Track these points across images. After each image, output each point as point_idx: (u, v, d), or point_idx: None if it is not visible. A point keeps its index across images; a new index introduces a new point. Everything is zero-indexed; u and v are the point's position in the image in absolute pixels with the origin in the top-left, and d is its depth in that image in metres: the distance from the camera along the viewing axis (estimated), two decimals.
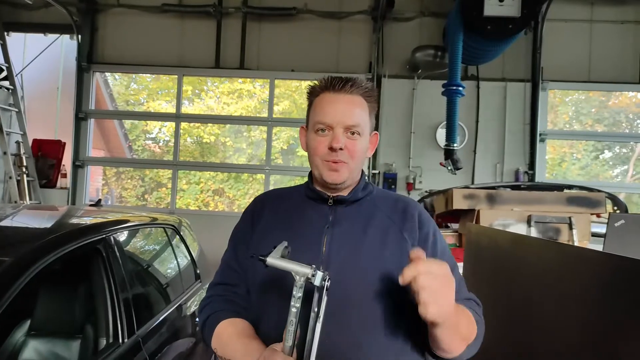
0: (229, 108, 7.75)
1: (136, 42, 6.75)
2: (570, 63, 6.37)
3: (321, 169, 1.16)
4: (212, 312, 1.17)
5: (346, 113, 1.14)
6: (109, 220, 2.20)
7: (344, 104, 1.15)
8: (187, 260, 2.93)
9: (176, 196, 6.93)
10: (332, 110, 1.14)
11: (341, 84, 1.16)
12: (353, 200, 1.21)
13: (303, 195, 1.25)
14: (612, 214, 2.50)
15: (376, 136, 1.26)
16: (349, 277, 1.08)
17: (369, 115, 1.20)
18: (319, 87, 1.19)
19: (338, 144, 1.12)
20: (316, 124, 1.16)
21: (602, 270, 1.23)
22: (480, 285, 2.14)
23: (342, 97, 1.16)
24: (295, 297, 0.93)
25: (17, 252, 1.53)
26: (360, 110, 1.16)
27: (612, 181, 7.37)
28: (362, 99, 1.18)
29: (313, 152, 1.17)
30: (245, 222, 1.28)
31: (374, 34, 6.44)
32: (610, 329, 1.16)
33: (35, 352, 1.91)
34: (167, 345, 2.12)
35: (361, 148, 1.17)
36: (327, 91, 1.17)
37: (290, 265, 0.94)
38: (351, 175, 1.18)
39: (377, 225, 1.17)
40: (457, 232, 3.88)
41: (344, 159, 1.14)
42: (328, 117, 1.14)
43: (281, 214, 1.23)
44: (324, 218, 1.18)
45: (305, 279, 0.93)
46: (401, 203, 1.24)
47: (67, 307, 1.96)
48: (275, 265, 0.95)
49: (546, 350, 1.47)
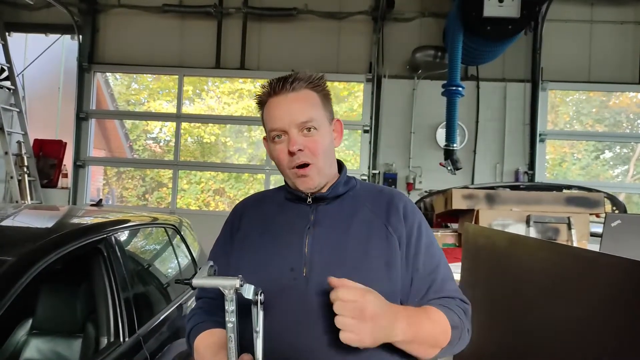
0: (230, 108, 7.75)
1: (137, 43, 6.77)
2: (570, 63, 6.38)
3: (293, 179, 1.13)
4: (193, 325, 1.16)
5: (293, 111, 1.10)
6: (109, 220, 2.21)
7: (289, 103, 1.11)
8: (188, 259, 2.95)
9: (177, 196, 6.95)
10: (280, 113, 1.11)
11: (280, 85, 1.12)
12: (334, 197, 1.17)
13: (282, 196, 1.21)
14: (608, 214, 2.52)
15: (339, 123, 1.21)
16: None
17: (323, 106, 1.15)
18: (263, 94, 1.15)
19: (295, 146, 1.08)
20: (271, 132, 1.12)
21: (599, 271, 1.24)
22: (478, 284, 2.15)
23: (285, 97, 1.12)
24: (228, 312, 0.91)
25: (19, 251, 1.55)
26: (309, 104, 1.12)
27: (613, 181, 7.36)
28: (309, 90, 1.13)
29: (278, 163, 1.14)
30: (224, 234, 1.25)
31: (374, 34, 6.45)
32: (606, 330, 1.17)
33: (37, 351, 1.93)
34: (168, 345, 2.13)
35: (322, 142, 1.12)
36: (272, 96, 1.13)
37: (215, 281, 0.92)
38: (322, 173, 1.13)
39: (361, 221, 1.13)
40: (456, 232, 3.89)
41: (308, 160, 1.10)
42: (278, 121, 1.10)
43: (260, 218, 1.20)
44: (305, 218, 1.14)
45: (234, 292, 0.90)
46: (385, 195, 1.20)
47: (68, 306, 1.98)
48: (201, 285, 0.93)
49: (542, 350, 1.48)
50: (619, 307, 1.12)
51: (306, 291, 1.05)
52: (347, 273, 1.03)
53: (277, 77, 1.14)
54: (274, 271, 1.09)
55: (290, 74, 1.14)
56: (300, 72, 1.15)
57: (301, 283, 1.06)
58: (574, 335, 1.31)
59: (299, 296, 1.05)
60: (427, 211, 4.65)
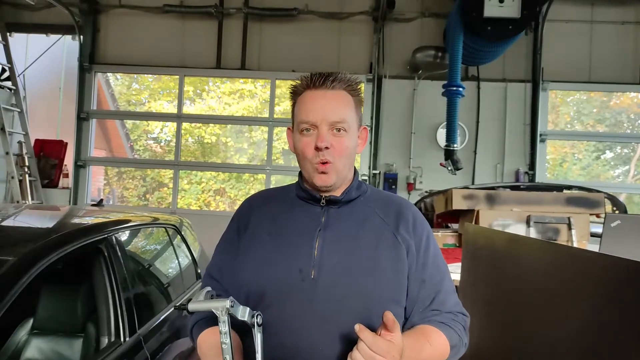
0: (230, 108, 7.76)
1: (138, 43, 6.78)
2: (570, 64, 6.37)
3: (311, 173, 1.12)
4: (195, 321, 1.16)
5: (329, 109, 1.09)
6: (110, 220, 2.22)
7: (327, 99, 1.10)
8: (188, 259, 2.95)
9: (177, 196, 6.95)
10: (315, 107, 1.09)
11: (322, 80, 1.11)
12: (346, 201, 1.16)
13: (294, 195, 1.20)
14: (608, 214, 2.52)
15: (365, 131, 1.21)
16: (342, 282, 1.06)
17: (355, 110, 1.14)
18: (300, 85, 1.14)
19: (323, 143, 1.07)
20: (300, 124, 1.11)
21: (598, 271, 1.24)
22: (477, 284, 2.15)
23: (324, 93, 1.10)
24: (222, 333, 0.92)
25: (20, 251, 1.55)
26: (344, 105, 1.11)
27: (613, 182, 7.36)
28: (346, 93, 1.13)
29: (302, 156, 1.13)
30: (230, 231, 1.23)
31: (375, 35, 6.45)
32: (605, 330, 1.17)
33: (37, 351, 1.94)
34: (169, 344, 2.14)
35: (348, 145, 1.12)
36: (309, 89, 1.12)
37: (208, 304, 0.94)
38: (340, 174, 1.13)
39: (371, 227, 1.13)
40: (456, 232, 3.89)
41: (331, 159, 1.09)
42: (311, 115, 1.09)
43: (269, 216, 1.18)
44: (315, 220, 1.13)
45: (226, 312, 0.91)
46: (395, 204, 1.20)
47: (69, 306, 1.98)
48: (197, 309, 0.95)
49: (541, 350, 1.49)
50: (619, 308, 1.12)
51: (313, 293, 1.05)
52: (355, 279, 1.05)
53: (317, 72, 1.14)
54: (281, 270, 1.08)
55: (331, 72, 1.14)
56: (342, 72, 1.14)
57: (309, 285, 1.06)
58: (573, 335, 1.31)
59: (305, 298, 1.06)
60: (428, 211, 4.65)
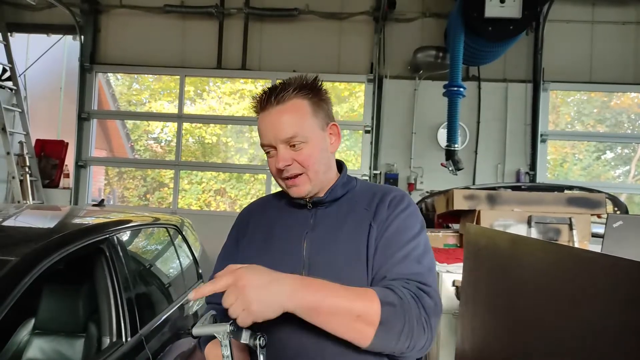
0: (231, 108, 7.76)
1: (138, 43, 6.78)
2: (571, 64, 6.37)
3: (284, 188, 1.16)
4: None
5: (279, 128, 1.08)
6: (111, 220, 2.22)
7: (276, 117, 1.09)
8: (189, 259, 2.95)
9: (178, 196, 6.95)
10: (266, 129, 1.10)
11: (266, 99, 1.10)
12: (332, 200, 1.17)
13: (285, 201, 1.23)
14: (610, 214, 2.51)
15: (336, 127, 1.18)
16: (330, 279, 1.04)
17: (312, 114, 1.11)
18: (254, 109, 1.15)
19: (282, 163, 1.09)
20: (262, 147, 1.14)
21: (600, 272, 1.24)
22: (479, 285, 2.15)
23: (270, 112, 1.10)
24: (224, 357, 0.94)
25: (22, 252, 1.55)
26: (295, 117, 1.09)
27: (614, 182, 7.35)
28: (297, 100, 1.10)
29: (272, 174, 1.17)
30: (230, 240, 1.28)
31: (376, 35, 6.45)
32: (607, 331, 1.17)
33: (39, 351, 1.94)
34: (170, 344, 2.14)
35: (312, 153, 1.10)
36: (261, 111, 1.12)
37: (210, 328, 0.96)
38: (315, 181, 1.13)
39: (354, 219, 1.13)
40: (457, 233, 3.89)
41: (298, 171, 1.10)
42: (264, 137, 1.11)
43: (264, 223, 1.22)
44: (304, 223, 1.15)
45: (228, 336, 0.93)
46: (380, 192, 1.17)
47: (70, 306, 1.99)
48: (200, 334, 0.97)
49: (543, 351, 1.49)
50: (620, 308, 1.12)
51: None
52: (336, 272, 1.05)
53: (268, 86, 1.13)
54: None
55: (278, 83, 1.12)
56: (292, 78, 1.13)
57: None
58: (575, 336, 1.31)
59: None
60: (429, 211, 4.65)
